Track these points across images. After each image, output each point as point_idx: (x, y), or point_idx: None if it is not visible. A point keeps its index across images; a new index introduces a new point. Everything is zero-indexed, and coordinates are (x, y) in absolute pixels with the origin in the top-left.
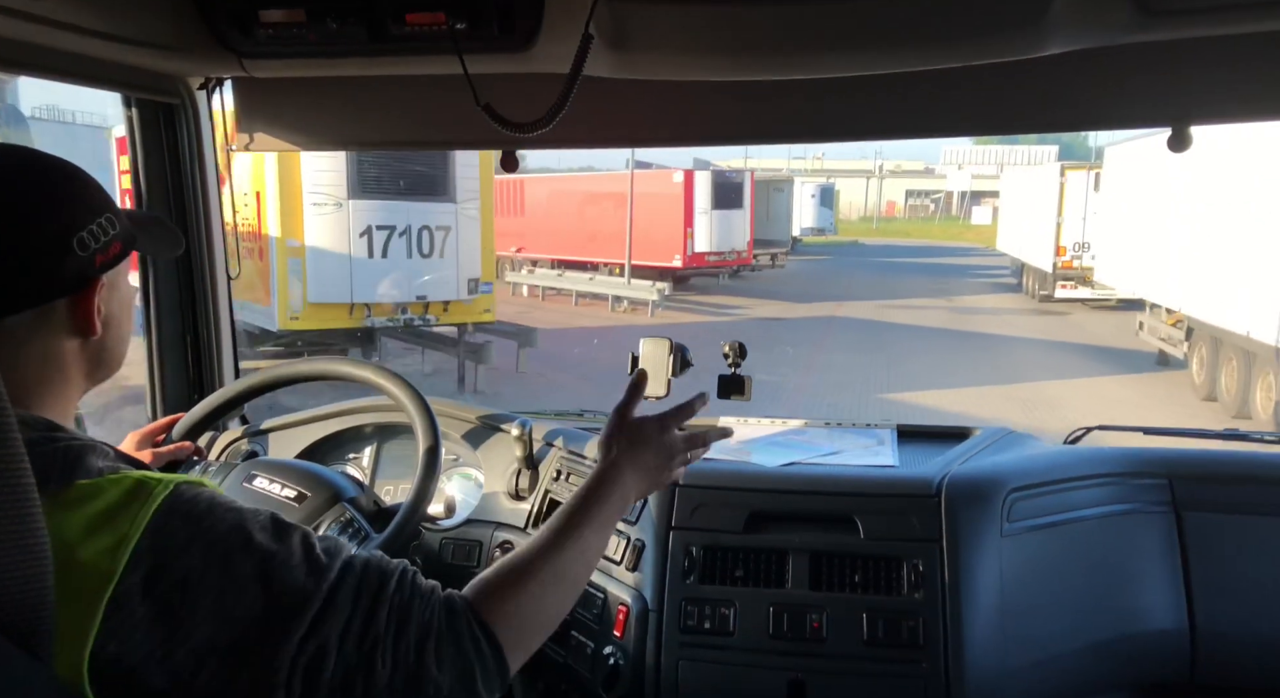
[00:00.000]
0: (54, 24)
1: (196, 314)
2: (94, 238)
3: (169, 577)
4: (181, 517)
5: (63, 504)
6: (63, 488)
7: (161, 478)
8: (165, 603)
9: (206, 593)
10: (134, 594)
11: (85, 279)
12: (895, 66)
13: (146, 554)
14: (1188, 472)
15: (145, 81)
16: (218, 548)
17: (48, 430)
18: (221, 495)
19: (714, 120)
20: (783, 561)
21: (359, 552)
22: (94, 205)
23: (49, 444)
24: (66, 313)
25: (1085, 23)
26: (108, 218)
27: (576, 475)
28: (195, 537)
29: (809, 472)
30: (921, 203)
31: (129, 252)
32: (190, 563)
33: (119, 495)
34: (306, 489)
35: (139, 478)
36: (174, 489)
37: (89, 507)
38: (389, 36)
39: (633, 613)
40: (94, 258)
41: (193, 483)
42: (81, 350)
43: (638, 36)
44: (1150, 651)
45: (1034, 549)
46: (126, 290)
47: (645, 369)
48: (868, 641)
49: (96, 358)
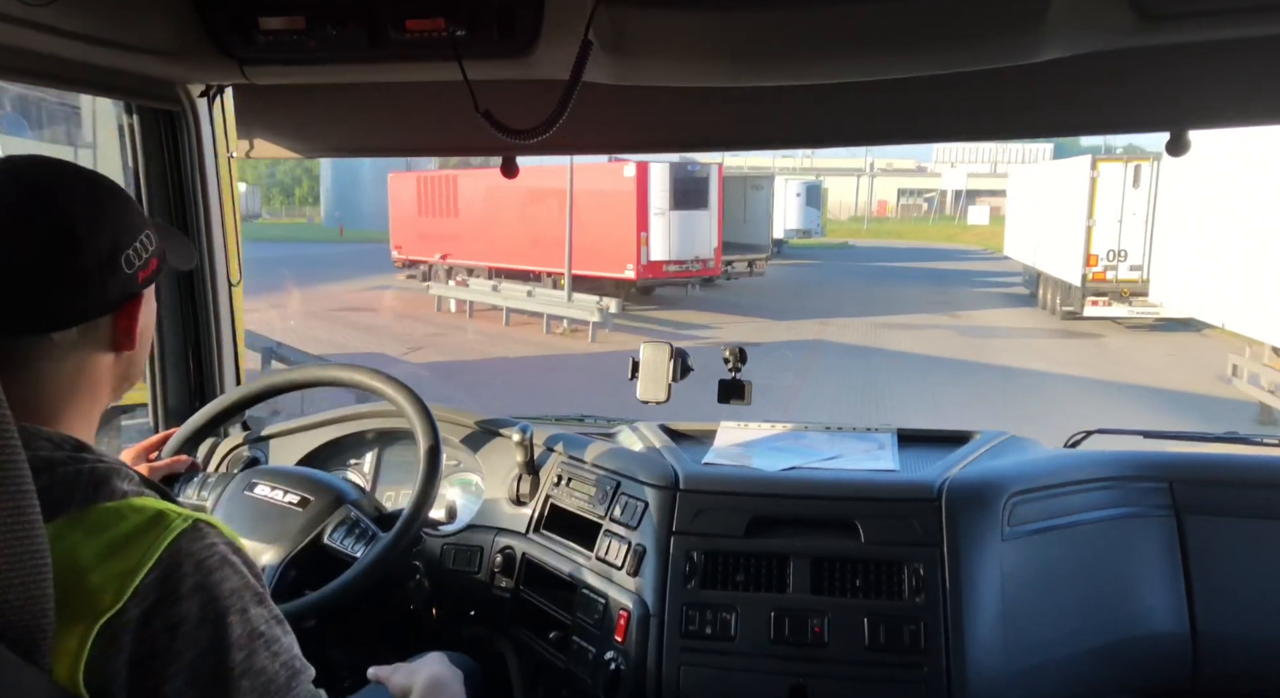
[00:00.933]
0: (55, 31)
1: (198, 321)
2: (138, 255)
3: (163, 618)
4: (194, 562)
5: (82, 526)
6: (85, 510)
7: (182, 512)
8: (151, 644)
9: (190, 648)
10: (129, 627)
11: (130, 296)
12: (894, 72)
13: (153, 589)
14: (1188, 475)
15: (146, 88)
16: (217, 606)
17: (74, 450)
18: (235, 548)
19: (714, 126)
20: (784, 565)
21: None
22: (137, 222)
23: (75, 464)
24: (109, 329)
25: (1083, 28)
26: (147, 234)
27: (577, 480)
28: (200, 587)
29: (810, 476)
30: (914, 202)
31: (163, 267)
32: (186, 612)
33: (138, 523)
34: (309, 494)
35: (160, 509)
36: (192, 526)
37: (107, 532)
38: (389, 43)
39: (634, 618)
40: (138, 275)
41: (212, 524)
42: (114, 365)
43: (637, 43)
44: (1151, 654)
45: (1035, 553)
46: (153, 305)
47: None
48: (869, 645)
49: (125, 372)
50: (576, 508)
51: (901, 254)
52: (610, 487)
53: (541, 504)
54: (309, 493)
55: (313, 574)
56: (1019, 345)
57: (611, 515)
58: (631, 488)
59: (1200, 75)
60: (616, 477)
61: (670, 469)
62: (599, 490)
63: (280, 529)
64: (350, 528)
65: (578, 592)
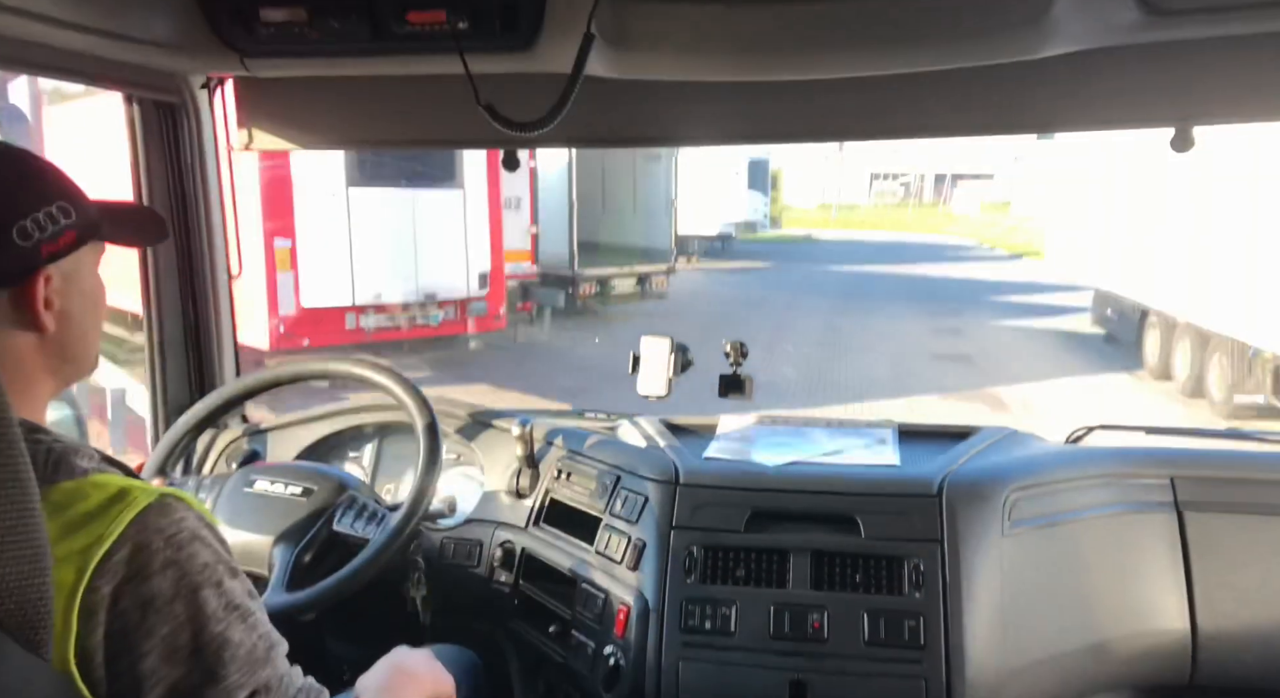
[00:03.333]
0: (55, 22)
1: (197, 313)
2: (39, 227)
3: (135, 595)
4: (165, 537)
5: (44, 506)
6: (45, 489)
7: (146, 487)
8: (124, 619)
9: (165, 622)
10: (102, 604)
11: (27, 270)
12: (897, 67)
13: (121, 566)
14: (1189, 471)
15: (147, 80)
16: (191, 580)
17: (29, 431)
18: (206, 523)
19: (716, 120)
20: (784, 560)
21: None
22: (42, 194)
23: (31, 445)
24: (10, 306)
25: (1088, 23)
26: (59, 207)
27: (578, 475)
28: (172, 562)
29: (810, 471)
30: (889, 187)
31: (86, 242)
32: (160, 587)
33: (100, 500)
34: (311, 484)
35: (123, 484)
36: (158, 499)
37: (70, 510)
38: (390, 35)
39: (634, 613)
40: (39, 247)
41: (180, 498)
42: (39, 347)
43: (639, 36)
44: (1152, 651)
45: (1035, 549)
46: (90, 283)
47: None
48: (869, 640)
49: (59, 354)
50: (576, 502)
51: (878, 251)
52: (610, 481)
53: (541, 498)
54: (311, 483)
55: (326, 560)
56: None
57: (612, 510)
58: (632, 482)
59: (1205, 71)
60: (617, 471)
61: (670, 464)
62: (599, 485)
63: (287, 521)
64: (359, 512)
65: (578, 586)
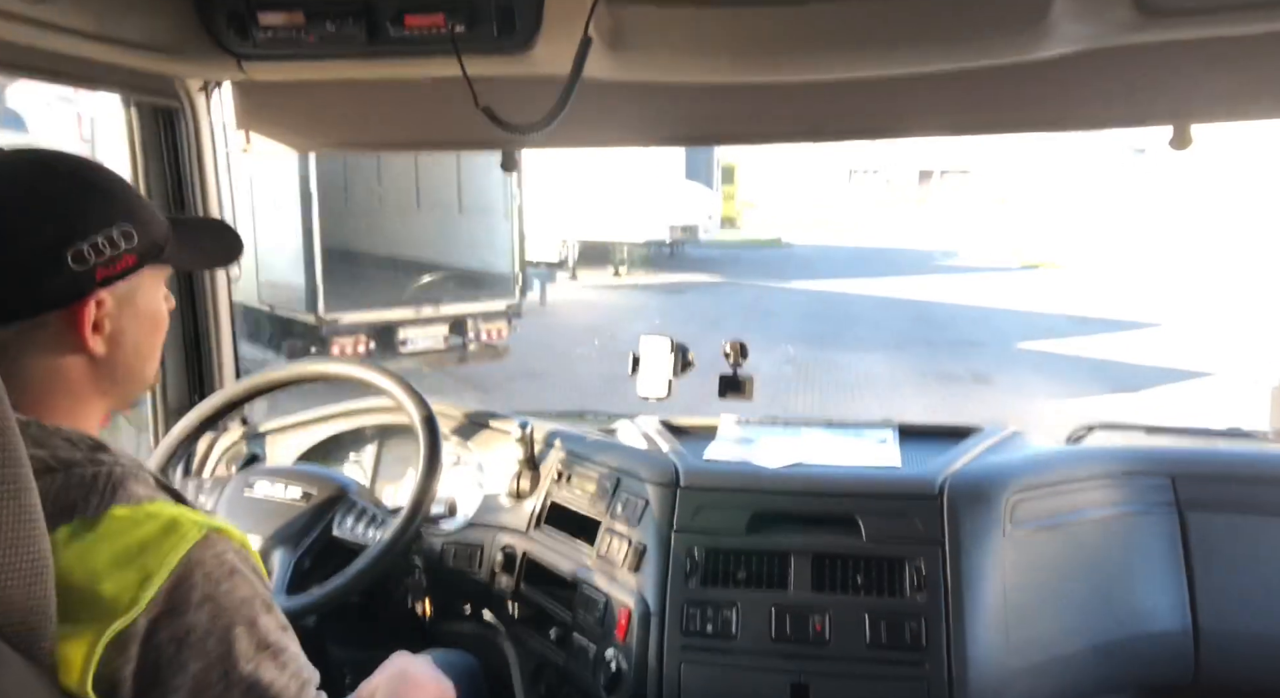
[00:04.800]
0: (53, 27)
1: (197, 315)
2: (97, 251)
3: (171, 628)
4: (205, 572)
5: (96, 531)
6: (99, 514)
7: (196, 520)
8: (157, 654)
9: (197, 659)
10: (137, 637)
11: (78, 294)
12: (896, 68)
13: (161, 599)
14: (1191, 471)
15: (144, 84)
16: (226, 616)
17: (91, 450)
18: (244, 555)
19: (714, 121)
20: (785, 563)
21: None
22: (106, 216)
23: (93, 465)
24: (62, 327)
25: (1086, 23)
26: (121, 230)
27: (578, 477)
28: (210, 597)
29: (811, 472)
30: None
31: (146, 265)
32: (195, 622)
33: (153, 531)
34: (310, 488)
35: (174, 515)
36: (206, 536)
37: (122, 538)
38: (388, 39)
39: (635, 616)
40: (94, 271)
41: (223, 532)
42: (90, 369)
43: (637, 38)
44: (1154, 651)
45: (1037, 550)
46: (149, 306)
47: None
48: (870, 643)
49: (110, 377)
50: (577, 505)
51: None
52: (611, 484)
53: (542, 501)
54: (310, 487)
55: (326, 565)
56: None
57: (612, 513)
58: (632, 485)
59: (1202, 70)
60: (617, 473)
61: (671, 466)
62: (599, 487)
63: (287, 525)
64: (359, 516)
65: (578, 590)
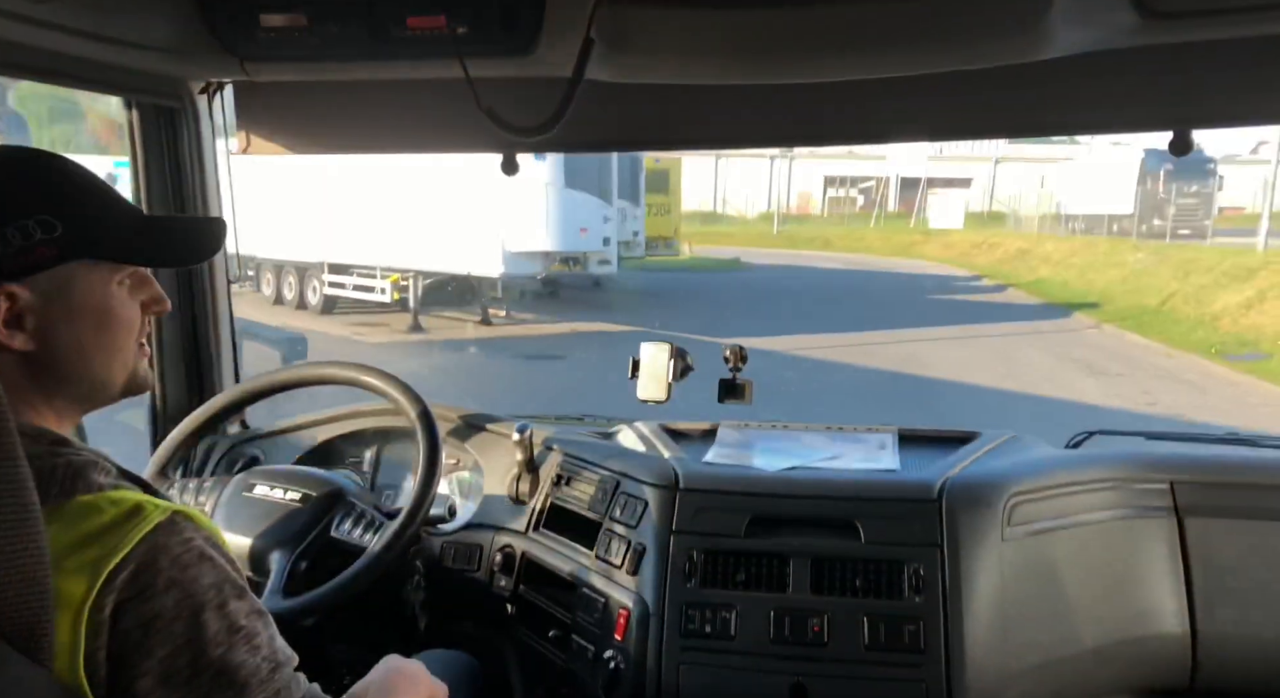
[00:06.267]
0: (55, 28)
1: (196, 318)
2: (5, 241)
3: (137, 613)
4: (171, 557)
5: (60, 519)
6: (62, 503)
7: (160, 504)
8: (125, 638)
9: (165, 643)
10: (106, 621)
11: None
12: (896, 70)
13: (126, 585)
14: (1189, 476)
15: (147, 85)
16: (193, 601)
17: (51, 444)
18: (214, 542)
19: (716, 124)
20: (784, 565)
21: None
22: (21, 207)
23: (52, 458)
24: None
25: (1086, 27)
26: (39, 220)
27: (577, 480)
28: (175, 582)
29: (810, 476)
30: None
31: (72, 258)
32: (162, 607)
33: (115, 515)
34: (309, 490)
35: (137, 501)
36: (169, 519)
37: (84, 523)
38: (390, 40)
39: (634, 617)
40: (12, 260)
41: (190, 517)
42: (22, 365)
43: (638, 40)
44: (1151, 655)
45: (1035, 554)
46: (88, 301)
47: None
48: (869, 645)
49: (50, 375)
50: (576, 507)
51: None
52: (610, 486)
53: (541, 503)
54: (309, 489)
55: (323, 567)
56: None
57: (611, 515)
58: (631, 487)
59: (1202, 74)
60: (616, 476)
61: (670, 468)
62: (599, 490)
63: (285, 527)
64: (357, 519)
65: (577, 591)
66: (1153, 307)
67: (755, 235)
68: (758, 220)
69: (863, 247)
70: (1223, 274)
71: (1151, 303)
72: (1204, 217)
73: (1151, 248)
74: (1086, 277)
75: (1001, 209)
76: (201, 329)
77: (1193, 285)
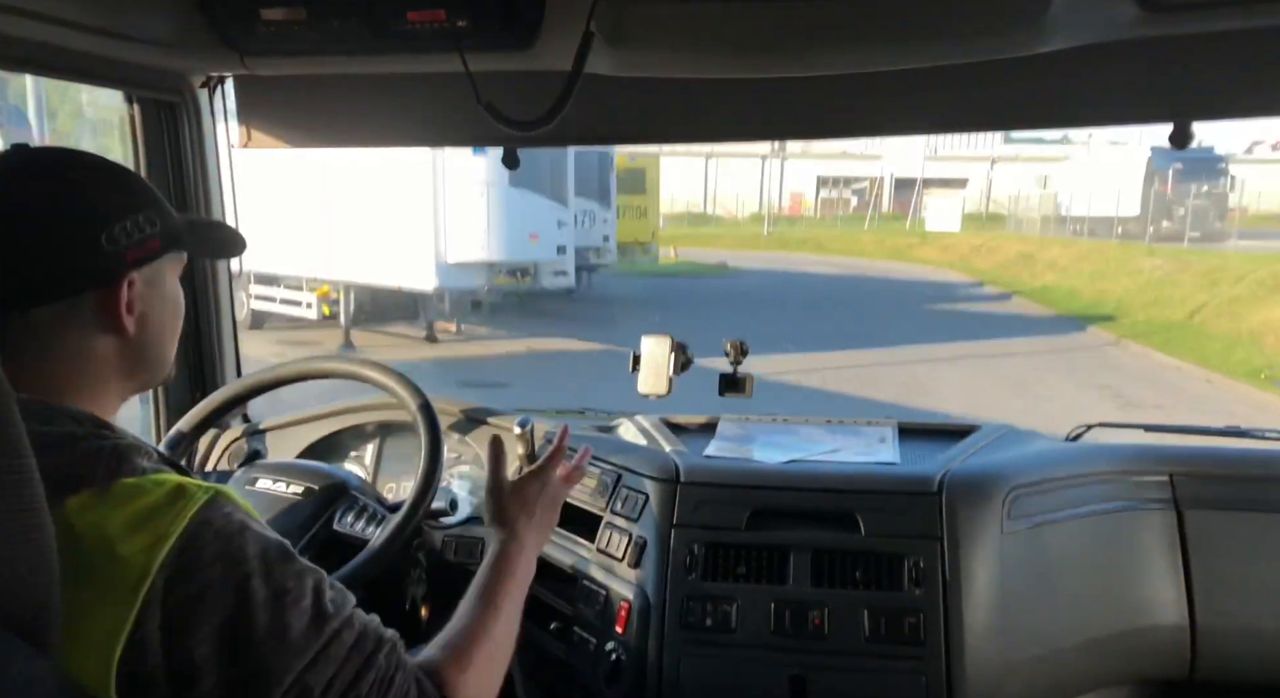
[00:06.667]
0: (55, 21)
1: (199, 312)
2: (127, 234)
3: (187, 587)
4: (214, 531)
5: (106, 500)
6: (108, 485)
7: (201, 485)
8: (176, 611)
9: (216, 612)
10: (157, 597)
11: (113, 274)
12: (896, 64)
13: (174, 562)
14: (1189, 469)
15: (147, 79)
16: (239, 570)
17: (96, 427)
18: (253, 518)
19: (716, 117)
20: (784, 557)
21: (359, 612)
22: (131, 202)
23: (97, 440)
24: (95, 308)
25: (1086, 19)
26: (146, 215)
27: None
28: (221, 554)
29: (811, 469)
30: (840, 195)
31: (169, 251)
32: (210, 578)
33: (161, 496)
34: (312, 484)
35: (180, 482)
36: (212, 498)
37: (131, 505)
38: (390, 34)
39: (635, 609)
40: (125, 253)
41: (228, 496)
42: (119, 350)
43: (639, 34)
44: (1150, 646)
45: (1035, 546)
46: (170, 291)
47: (501, 441)
48: (869, 637)
49: (136, 358)
50: (577, 500)
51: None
52: (611, 479)
53: None
54: (312, 483)
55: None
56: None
57: (612, 508)
58: (632, 480)
59: (1202, 66)
60: (617, 469)
61: (671, 462)
62: (600, 483)
63: (288, 520)
64: (359, 512)
65: (578, 583)
66: (1179, 321)
67: (745, 238)
68: (749, 222)
69: (856, 250)
70: (1257, 284)
71: (1176, 316)
72: (1216, 219)
73: (1169, 253)
74: (1098, 284)
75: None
76: (204, 323)
77: (1223, 296)
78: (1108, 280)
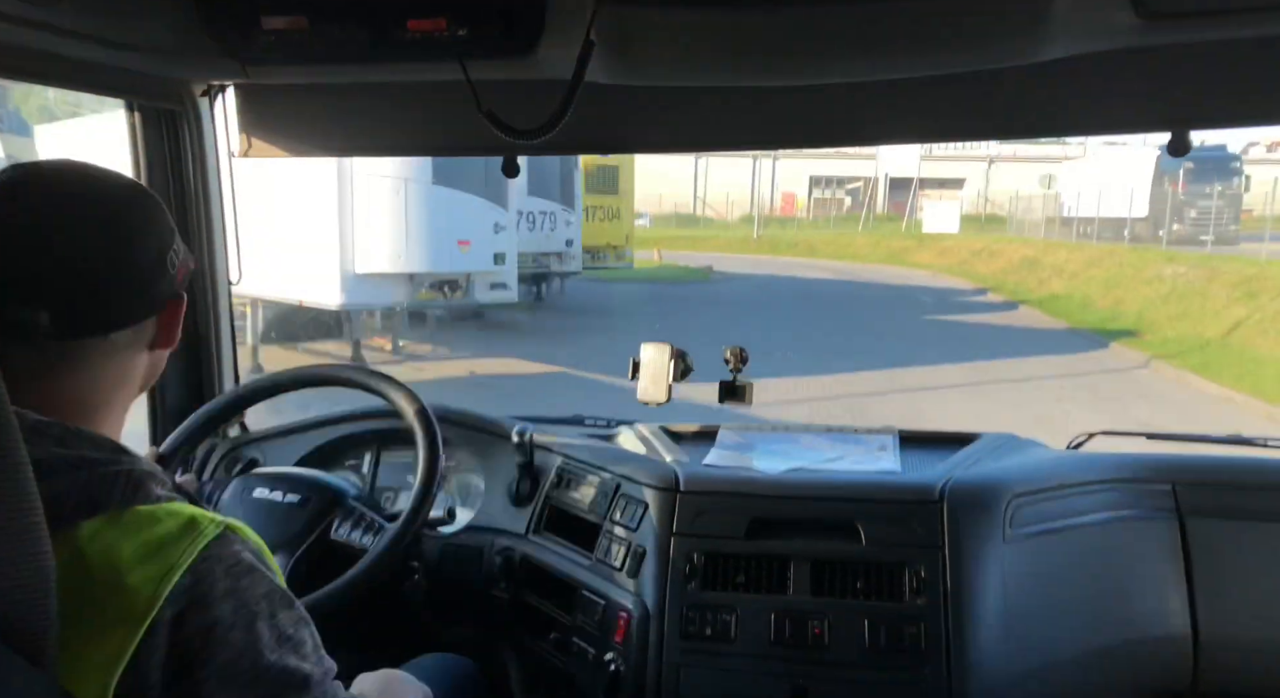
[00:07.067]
0: (56, 30)
1: (197, 320)
2: (177, 255)
3: (197, 621)
4: (225, 567)
5: (119, 527)
6: (122, 511)
7: (214, 518)
8: (185, 646)
9: (224, 650)
10: (163, 630)
11: (174, 295)
12: (895, 72)
13: (184, 593)
14: (1191, 477)
15: (147, 88)
16: (248, 610)
17: (114, 452)
18: (260, 554)
19: (717, 126)
20: (784, 567)
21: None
22: (171, 224)
23: (114, 465)
24: (154, 328)
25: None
26: (180, 243)
27: (577, 482)
28: (232, 591)
29: (811, 478)
30: (833, 196)
31: (190, 274)
32: (221, 615)
33: (174, 527)
34: (309, 492)
35: (193, 514)
36: (223, 533)
37: (144, 534)
38: (391, 43)
39: (634, 620)
40: (178, 274)
41: (238, 531)
42: (148, 362)
43: (639, 43)
44: (1153, 657)
45: (1037, 555)
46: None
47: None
48: (870, 647)
49: (153, 372)
50: (576, 509)
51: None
52: (610, 488)
53: (541, 505)
54: (309, 492)
55: (323, 569)
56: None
57: (611, 517)
58: (631, 489)
59: (1201, 75)
60: (616, 478)
61: (670, 471)
62: (599, 492)
63: (285, 529)
64: (356, 521)
65: (577, 593)
66: (1215, 338)
67: (734, 240)
68: (739, 223)
69: (850, 253)
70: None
71: (1211, 332)
72: (1229, 221)
73: (1192, 258)
74: (1113, 293)
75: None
76: (203, 330)
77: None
78: (1123, 289)
